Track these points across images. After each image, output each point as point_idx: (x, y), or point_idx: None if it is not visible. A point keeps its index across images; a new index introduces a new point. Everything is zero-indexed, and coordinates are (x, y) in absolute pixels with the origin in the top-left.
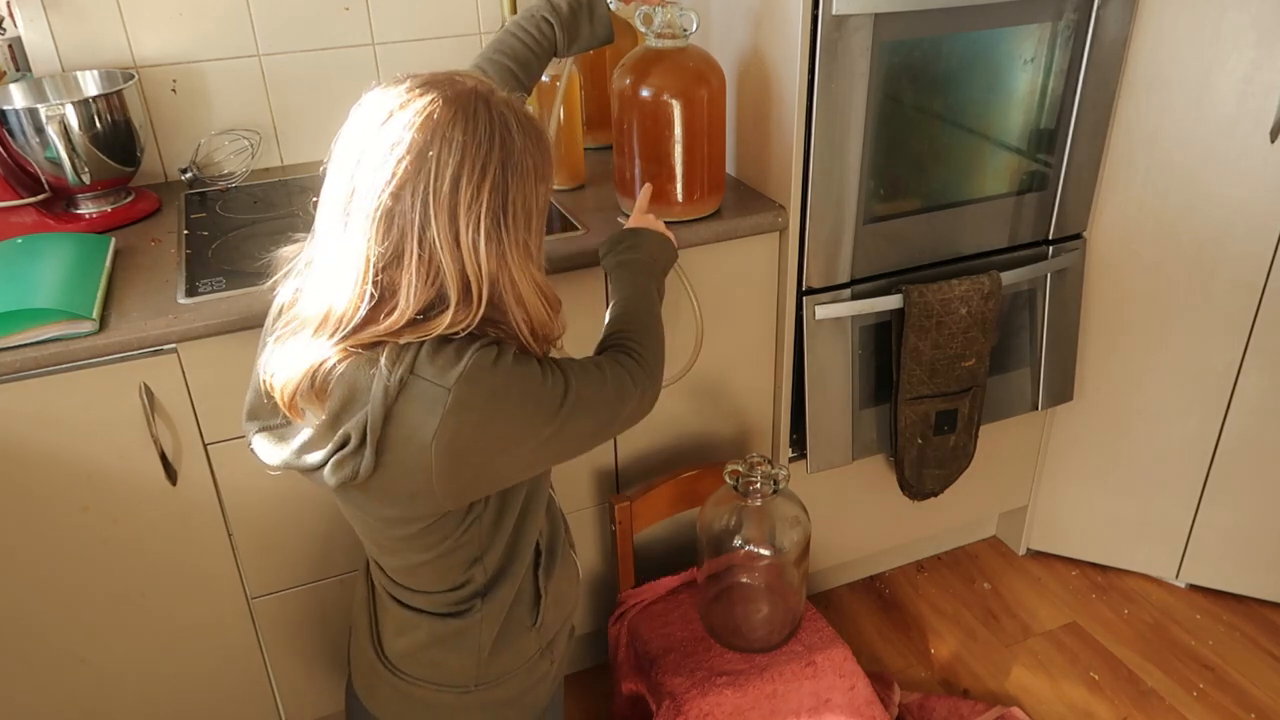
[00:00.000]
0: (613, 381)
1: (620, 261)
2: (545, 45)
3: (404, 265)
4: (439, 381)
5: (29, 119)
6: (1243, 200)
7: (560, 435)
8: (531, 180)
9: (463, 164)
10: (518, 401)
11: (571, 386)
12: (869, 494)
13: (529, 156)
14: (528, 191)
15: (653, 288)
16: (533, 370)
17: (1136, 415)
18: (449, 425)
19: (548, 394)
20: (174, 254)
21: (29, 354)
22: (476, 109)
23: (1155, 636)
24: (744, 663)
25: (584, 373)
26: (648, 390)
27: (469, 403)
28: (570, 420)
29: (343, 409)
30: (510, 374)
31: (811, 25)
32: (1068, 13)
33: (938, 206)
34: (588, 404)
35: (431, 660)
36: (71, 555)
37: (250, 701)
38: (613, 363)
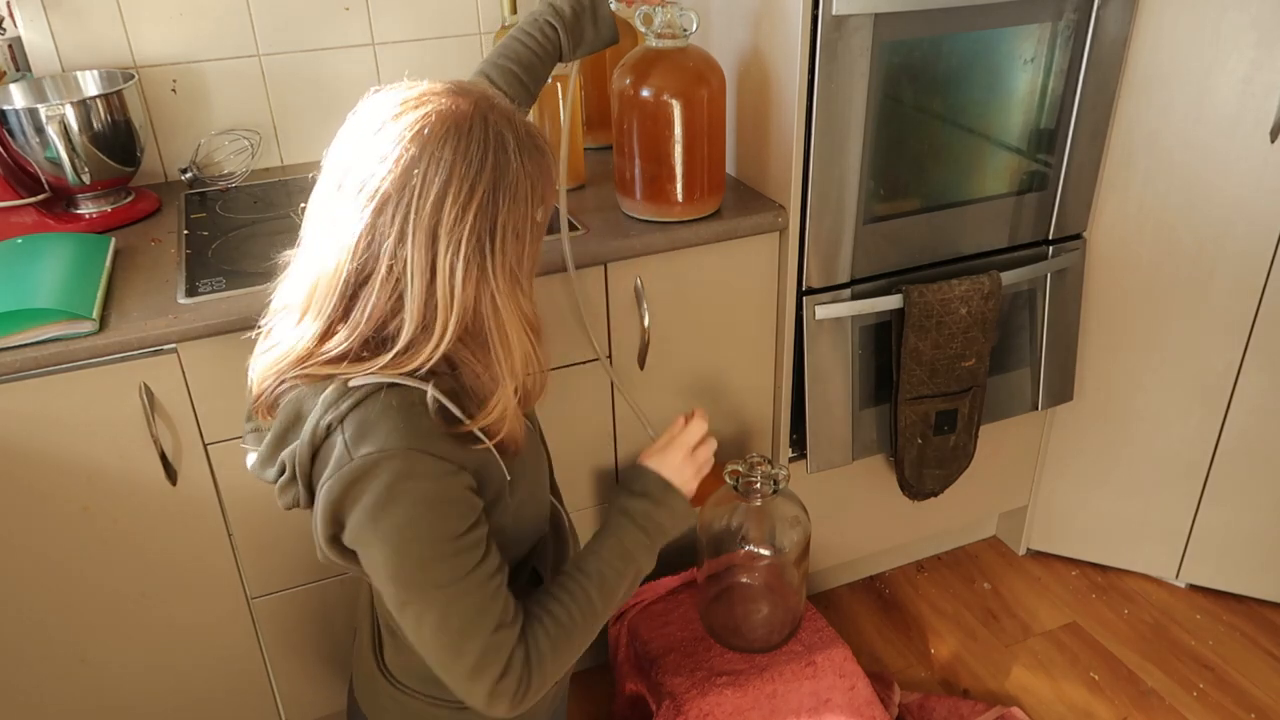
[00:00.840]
0: (487, 637)
1: (629, 510)
2: (550, 49)
3: (368, 284)
4: (351, 445)
5: (29, 119)
6: (1243, 200)
7: (414, 605)
8: (525, 204)
9: (449, 183)
10: (401, 528)
11: (466, 580)
12: (869, 494)
13: (525, 178)
14: (519, 215)
15: (638, 565)
16: (443, 520)
17: (1136, 415)
18: (335, 489)
19: (436, 550)
20: (174, 254)
21: (29, 354)
22: (472, 125)
23: (1155, 636)
24: (744, 663)
25: (486, 598)
26: (506, 692)
27: (358, 487)
28: (419, 600)
29: (284, 434)
30: (419, 497)
31: (811, 25)
32: (1068, 13)
33: (938, 206)
34: (442, 623)
35: (428, 675)
36: (71, 555)
37: (250, 701)
38: (511, 624)
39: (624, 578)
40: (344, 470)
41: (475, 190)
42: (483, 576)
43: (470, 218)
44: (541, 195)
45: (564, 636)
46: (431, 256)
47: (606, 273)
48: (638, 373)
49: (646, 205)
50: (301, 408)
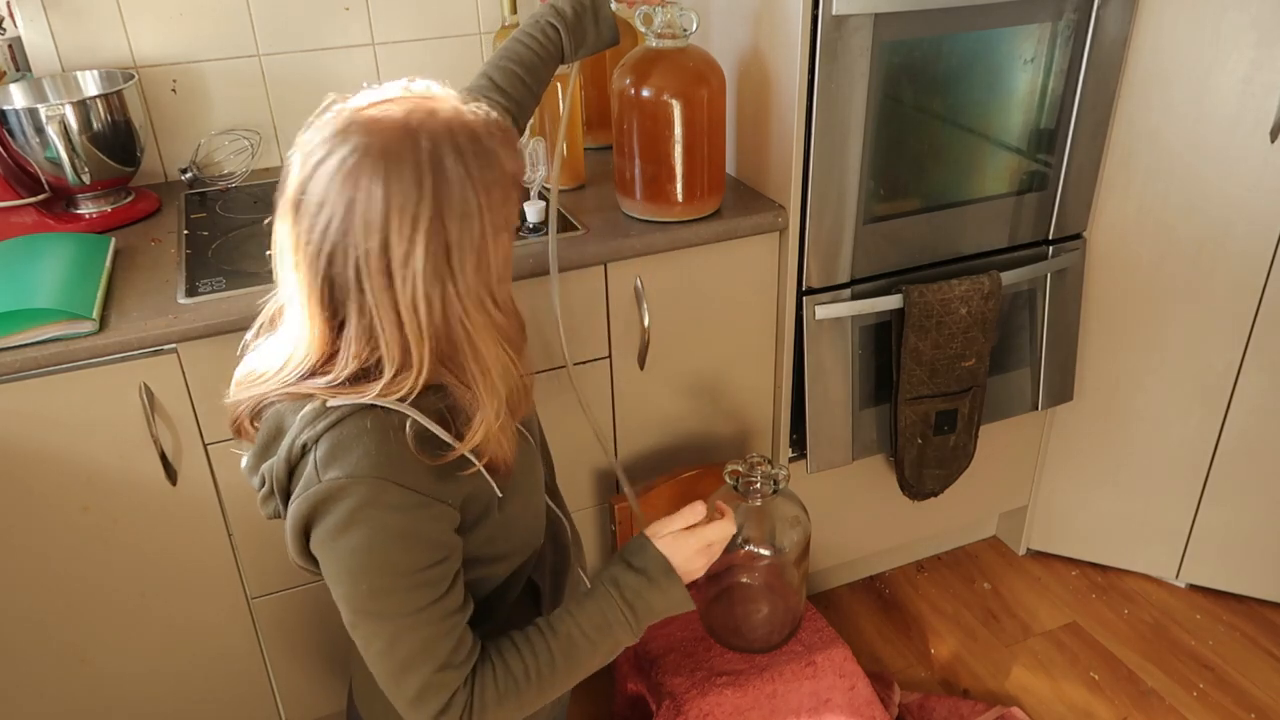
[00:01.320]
0: (429, 674)
1: (621, 583)
2: (552, 50)
3: (346, 329)
4: (321, 468)
5: (29, 119)
6: (1243, 200)
7: (357, 625)
8: (478, 218)
9: (388, 220)
10: (357, 554)
11: (409, 615)
12: (869, 494)
13: (473, 191)
14: (475, 231)
15: (616, 639)
16: (403, 557)
17: (1136, 415)
18: (300, 507)
19: (395, 583)
20: (174, 254)
21: (29, 354)
22: (401, 152)
23: (1155, 636)
24: (744, 663)
25: (436, 636)
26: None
27: (322, 510)
28: (365, 625)
29: (265, 448)
30: (384, 523)
31: (811, 25)
32: (1068, 13)
33: (938, 206)
34: (388, 651)
35: None
36: (71, 555)
37: (250, 701)
38: (460, 666)
39: (597, 649)
40: (310, 492)
41: (418, 220)
42: (437, 614)
43: (419, 250)
44: (500, 199)
45: (514, 692)
46: (392, 297)
47: (606, 273)
48: (638, 373)
49: (646, 205)
50: (282, 423)
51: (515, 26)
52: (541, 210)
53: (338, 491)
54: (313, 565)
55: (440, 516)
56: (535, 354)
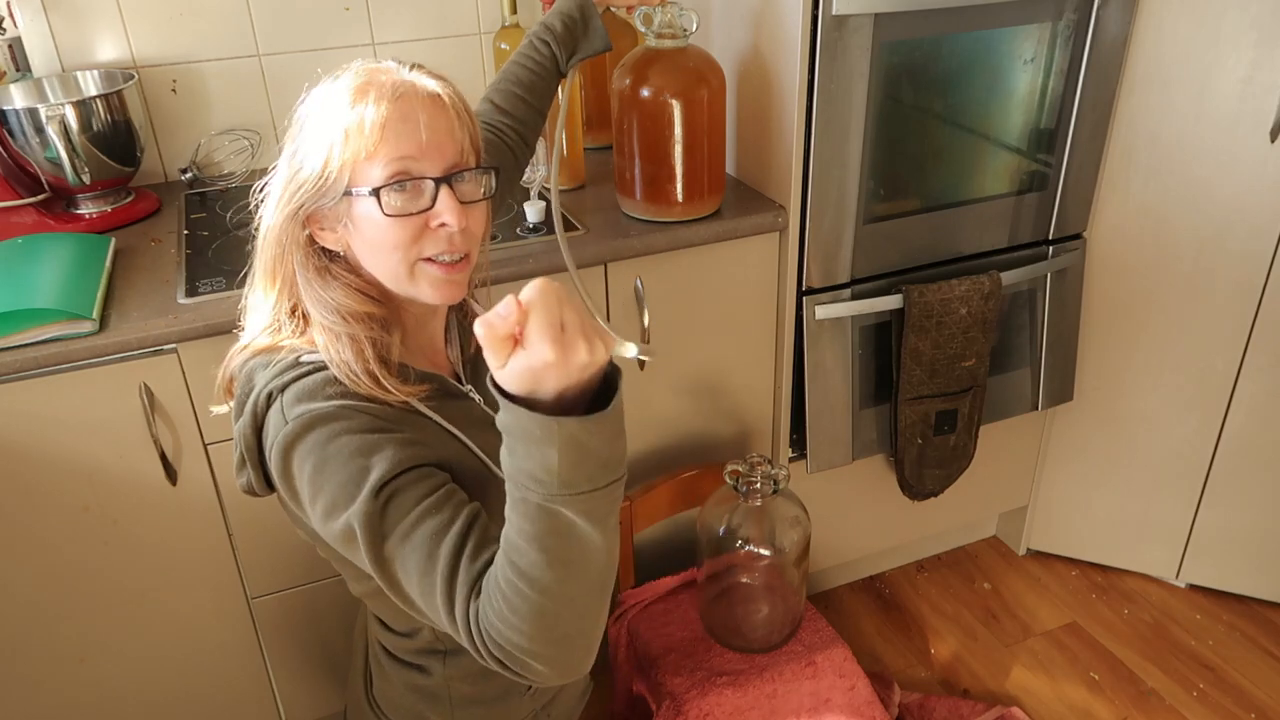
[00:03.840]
0: (439, 595)
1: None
2: (547, 65)
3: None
4: (287, 411)
5: (29, 119)
6: (1243, 200)
7: (375, 571)
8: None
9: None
10: (335, 485)
11: (396, 536)
12: (869, 494)
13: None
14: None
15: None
16: (364, 471)
17: (1136, 415)
18: (275, 459)
19: (363, 511)
20: (174, 254)
21: (29, 354)
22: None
23: (1155, 636)
24: (744, 663)
25: (420, 543)
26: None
27: (294, 447)
28: (380, 570)
29: (239, 411)
30: (339, 451)
31: (811, 25)
32: (1068, 13)
33: (938, 206)
34: (400, 574)
35: (413, 711)
36: (71, 555)
37: (250, 701)
38: (456, 598)
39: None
40: (280, 435)
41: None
42: (438, 522)
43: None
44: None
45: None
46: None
47: (606, 273)
48: (638, 373)
49: (646, 205)
50: (252, 377)
51: (515, 26)
52: (542, 210)
53: (306, 427)
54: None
55: (409, 442)
56: None
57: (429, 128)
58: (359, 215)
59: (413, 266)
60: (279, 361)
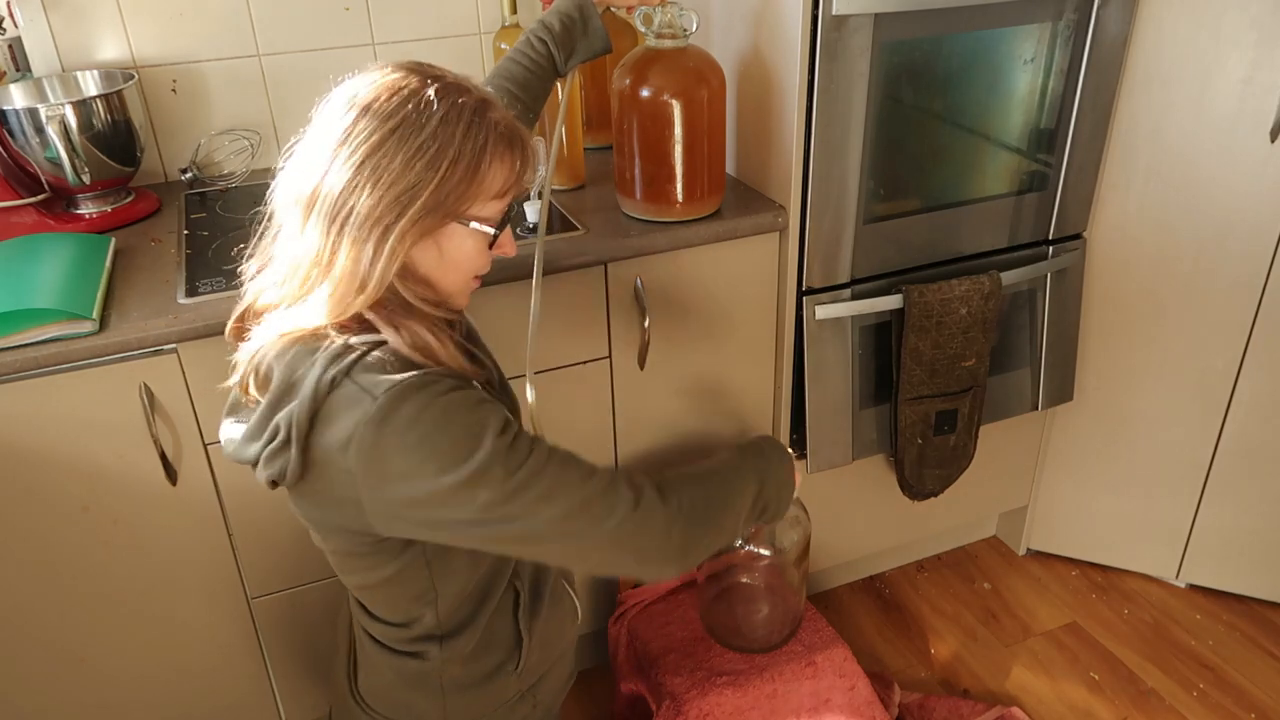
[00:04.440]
0: (599, 487)
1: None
2: (543, 65)
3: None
4: (369, 388)
5: (29, 119)
6: (1243, 200)
7: (510, 516)
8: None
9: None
10: (447, 441)
11: (533, 461)
12: (869, 494)
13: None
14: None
15: (746, 477)
16: (473, 428)
17: (1136, 415)
18: (367, 435)
19: (486, 452)
20: (174, 254)
21: (29, 354)
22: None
23: (1155, 636)
24: (744, 663)
25: (562, 461)
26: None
27: (391, 419)
28: (523, 501)
29: (279, 399)
30: (447, 414)
31: (811, 25)
32: (1068, 13)
33: (938, 206)
34: (554, 487)
35: (400, 701)
36: (71, 555)
37: (250, 701)
38: (620, 479)
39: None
40: (372, 410)
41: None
42: (548, 448)
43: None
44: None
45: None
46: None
47: (606, 273)
48: (638, 373)
49: (646, 205)
50: (294, 372)
51: (515, 26)
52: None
53: (398, 400)
54: (378, 513)
55: (488, 396)
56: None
57: (529, 169)
58: (454, 238)
59: (467, 284)
60: (328, 349)
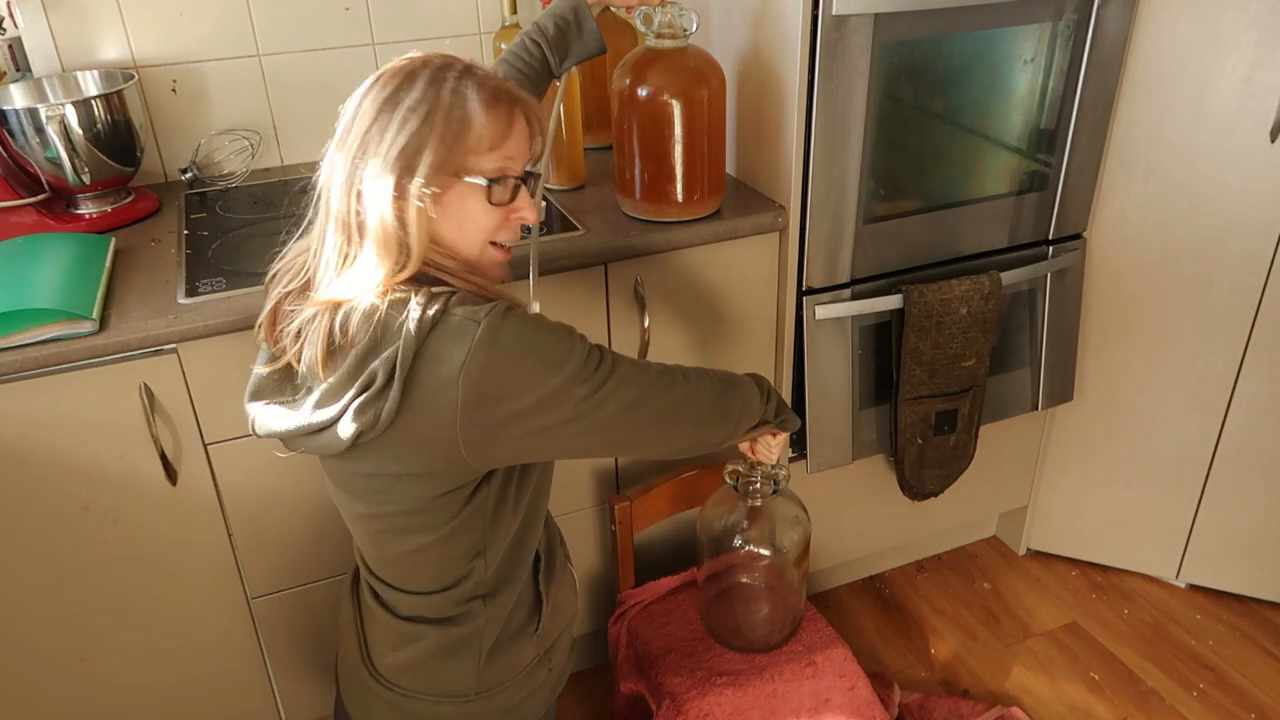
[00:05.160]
0: (657, 370)
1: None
2: (537, 67)
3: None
4: (471, 317)
5: (29, 119)
6: (1243, 200)
7: (600, 403)
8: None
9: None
10: (548, 346)
11: (608, 356)
12: (869, 494)
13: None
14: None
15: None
16: (563, 332)
17: (1136, 415)
18: (479, 357)
19: (579, 351)
20: (174, 254)
21: (29, 354)
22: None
23: (1155, 636)
24: (744, 663)
25: (624, 357)
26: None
27: (499, 337)
28: (609, 388)
29: (371, 349)
30: (541, 324)
31: (811, 25)
32: (1068, 13)
33: (938, 206)
34: (627, 374)
35: (432, 671)
36: (71, 555)
37: (250, 702)
38: (669, 367)
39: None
40: (480, 329)
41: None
42: (617, 355)
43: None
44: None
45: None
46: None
47: (606, 273)
48: None
49: (646, 205)
50: (388, 321)
51: (515, 27)
52: (541, 210)
53: (499, 315)
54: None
55: None
56: None
57: (531, 135)
58: (457, 195)
59: (483, 248)
60: (418, 297)
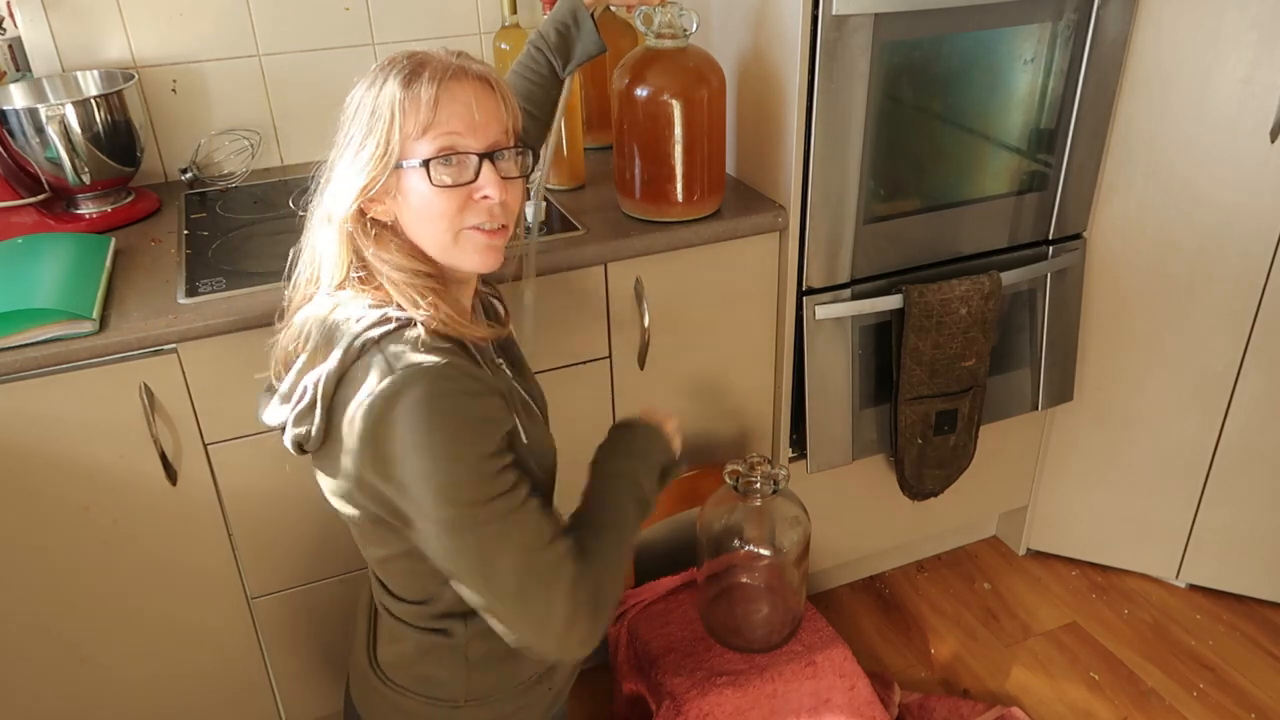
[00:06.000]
0: (548, 560)
1: (593, 461)
2: (544, 74)
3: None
4: (393, 360)
5: (29, 119)
6: (1243, 200)
7: (456, 531)
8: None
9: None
10: (445, 440)
11: (504, 501)
12: (869, 494)
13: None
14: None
15: (634, 472)
16: (485, 433)
17: (1136, 415)
18: (377, 405)
19: (478, 469)
20: (174, 254)
21: (29, 354)
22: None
23: (1155, 636)
24: (744, 663)
25: (532, 514)
26: (584, 604)
27: (404, 395)
28: (475, 529)
29: (312, 361)
30: (460, 408)
31: (811, 25)
32: (1068, 13)
33: (938, 206)
34: (510, 532)
35: (418, 673)
36: (71, 555)
37: (250, 701)
38: (568, 569)
39: (628, 488)
40: (387, 383)
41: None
42: (527, 489)
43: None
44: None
45: (604, 546)
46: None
47: (606, 273)
48: (638, 373)
49: (646, 205)
50: (335, 329)
51: (515, 26)
52: (542, 210)
53: (414, 379)
54: (367, 496)
55: (503, 407)
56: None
57: (477, 108)
58: (407, 187)
59: (457, 235)
60: (364, 317)
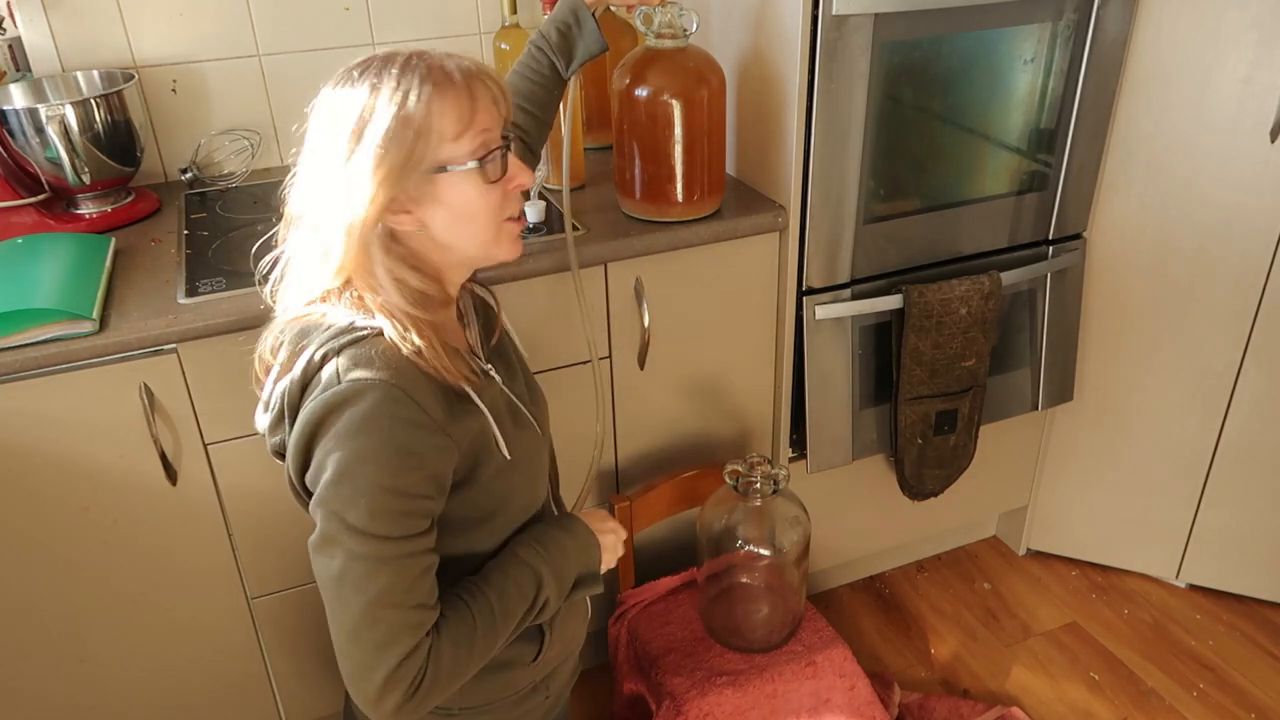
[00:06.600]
0: (395, 623)
1: (527, 532)
2: (546, 74)
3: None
4: (343, 371)
5: (29, 119)
6: (1243, 200)
7: (329, 551)
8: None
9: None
10: (354, 459)
11: (385, 546)
12: (869, 494)
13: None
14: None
15: (539, 577)
16: (400, 470)
17: (1136, 415)
18: (318, 410)
19: (373, 500)
20: (174, 254)
21: (29, 354)
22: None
23: (1155, 636)
24: (744, 663)
25: (408, 576)
26: (403, 680)
27: (342, 408)
28: (345, 558)
29: (284, 370)
30: (388, 437)
31: (811, 25)
32: (1068, 13)
33: (938, 206)
34: (375, 576)
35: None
36: (71, 555)
37: (250, 701)
38: (424, 644)
39: (523, 589)
40: (330, 392)
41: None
42: (420, 548)
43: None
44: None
45: (465, 637)
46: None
47: (606, 273)
48: (638, 373)
49: (646, 205)
50: (306, 337)
51: (515, 26)
52: (542, 210)
53: (357, 394)
54: (306, 495)
55: (443, 449)
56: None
57: (495, 101)
58: (448, 190)
59: (499, 229)
60: (330, 326)
